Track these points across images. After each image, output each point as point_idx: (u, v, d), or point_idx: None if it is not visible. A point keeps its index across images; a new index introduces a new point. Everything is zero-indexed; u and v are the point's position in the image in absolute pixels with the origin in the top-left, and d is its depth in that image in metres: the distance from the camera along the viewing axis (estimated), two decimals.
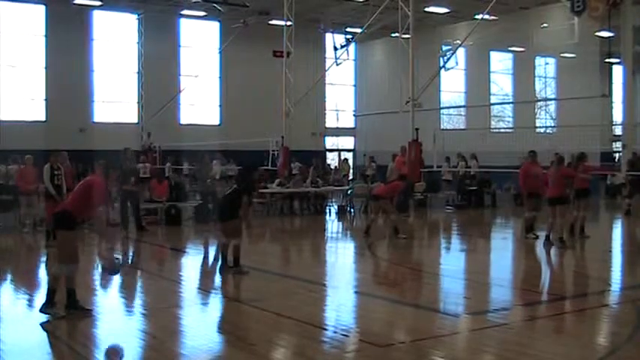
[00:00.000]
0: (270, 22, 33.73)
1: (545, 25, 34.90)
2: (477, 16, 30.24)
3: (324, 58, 38.28)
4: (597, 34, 34.18)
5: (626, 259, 15.50)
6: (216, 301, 10.76)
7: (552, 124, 44.12)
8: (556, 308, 9.99)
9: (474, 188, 26.73)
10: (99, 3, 32.93)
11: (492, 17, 31.48)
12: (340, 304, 10.34)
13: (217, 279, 11.98)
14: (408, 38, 25.76)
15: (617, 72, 38.97)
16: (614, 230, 22.11)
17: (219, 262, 12.30)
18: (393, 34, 29.82)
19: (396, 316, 9.69)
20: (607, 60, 39.72)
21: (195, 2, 32.44)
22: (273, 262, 14.68)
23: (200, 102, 37.04)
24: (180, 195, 21.21)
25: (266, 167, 28.74)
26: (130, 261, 14.90)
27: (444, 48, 31.63)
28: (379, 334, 8.54)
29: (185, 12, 34.95)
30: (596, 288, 11.81)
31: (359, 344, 8.19)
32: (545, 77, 45.03)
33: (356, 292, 11.39)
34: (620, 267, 14.48)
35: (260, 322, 9.08)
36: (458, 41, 30.47)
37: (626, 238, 19.94)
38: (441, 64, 28.24)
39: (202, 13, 34.94)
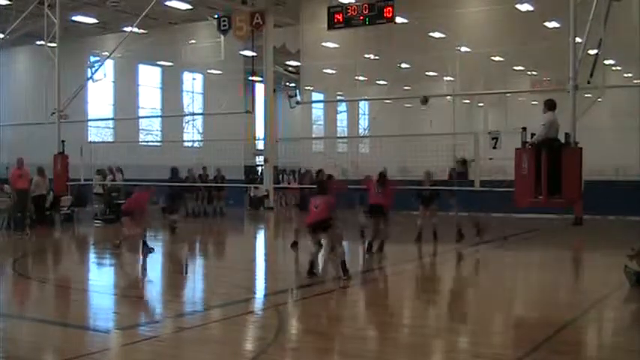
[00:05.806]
0: None
1: (193, 41, 35.89)
2: (125, 29, 30.18)
3: None
4: (242, 52, 35.88)
5: (269, 267, 16.44)
6: None
7: (199, 138, 45.24)
8: (205, 318, 10.27)
9: (123, 201, 26.41)
10: None
11: (141, 31, 31.60)
12: None
13: None
14: (55, 47, 24.93)
15: (260, 89, 41.03)
16: (258, 240, 23.30)
17: None
18: (38, 42, 28.59)
19: (43, 337, 9.29)
20: (250, 78, 41.80)
21: None
22: None
23: None
24: None
25: None
26: None
27: (92, 59, 31.15)
28: (25, 357, 8.16)
29: None
30: (242, 296, 12.36)
31: None
32: (193, 92, 45.99)
33: None
34: (264, 275, 15.32)
35: None
36: (106, 53, 30.16)
37: (269, 248, 21.08)
38: (89, 75, 27.76)
39: None
